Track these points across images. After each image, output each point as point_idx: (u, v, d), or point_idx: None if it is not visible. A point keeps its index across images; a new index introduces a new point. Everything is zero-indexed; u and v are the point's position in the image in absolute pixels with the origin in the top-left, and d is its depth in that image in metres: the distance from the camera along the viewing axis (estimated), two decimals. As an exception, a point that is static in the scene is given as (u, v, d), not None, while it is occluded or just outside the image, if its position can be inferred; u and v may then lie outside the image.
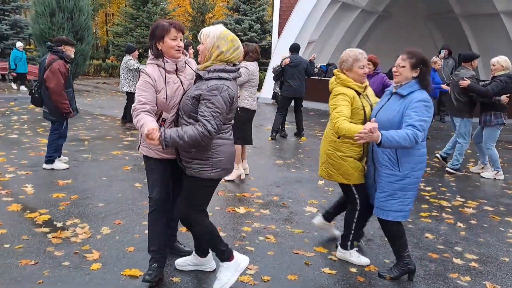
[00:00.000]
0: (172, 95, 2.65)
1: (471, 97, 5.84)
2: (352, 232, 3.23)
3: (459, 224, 4.19)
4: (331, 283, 2.98)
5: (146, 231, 2.99)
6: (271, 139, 7.89)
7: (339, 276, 3.07)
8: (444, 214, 4.44)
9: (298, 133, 8.29)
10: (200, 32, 2.66)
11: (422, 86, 2.85)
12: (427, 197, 4.98)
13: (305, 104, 8.76)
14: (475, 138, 6.16)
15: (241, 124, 5.02)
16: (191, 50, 6.16)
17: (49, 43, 5.55)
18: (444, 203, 4.79)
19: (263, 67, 14.35)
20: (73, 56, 5.50)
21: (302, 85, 7.93)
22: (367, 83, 3.21)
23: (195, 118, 2.51)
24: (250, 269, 3.05)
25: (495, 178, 5.91)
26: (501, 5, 14.60)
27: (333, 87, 3.15)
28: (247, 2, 20.28)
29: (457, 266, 3.31)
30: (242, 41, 14.25)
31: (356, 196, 3.15)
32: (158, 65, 2.68)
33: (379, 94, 3.76)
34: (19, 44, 15.19)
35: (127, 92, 8.38)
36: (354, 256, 3.27)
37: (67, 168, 5.43)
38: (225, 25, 20.72)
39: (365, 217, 3.35)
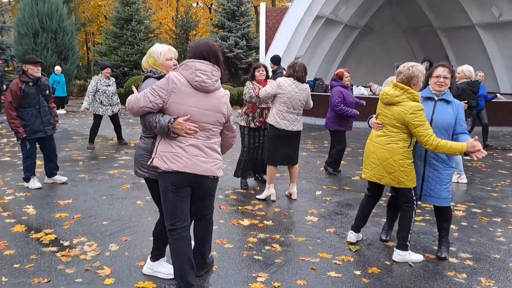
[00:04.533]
0: None
1: None
2: (411, 232, 3.55)
3: (451, 226, 4.38)
4: (339, 285, 3.13)
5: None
6: None
7: (345, 279, 3.22)
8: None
9: None
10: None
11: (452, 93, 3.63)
12: (419, 202, 5.17)
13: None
14: None
15: (269, 143, 5.10)
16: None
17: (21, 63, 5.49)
18: (436, 208, 5.00)
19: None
20: (37, 75, 5.30)
21: None
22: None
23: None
24: (260, 276, 3.18)
25: (458, 182, 6.10)
26: (476, 18, 15.26)
27: (400, 100, 3.34)
28: (231, 19, 20.66)
29: (453, 265, 3.50)
30: (228, 58, 14.60)
31: (414, 197, 3.54)
32: None
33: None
34: (57, 68, 14.82)
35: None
36: (413, 256, 3.58)
37: (40, 188, 5.46)
38: (210, 42, 20.99)
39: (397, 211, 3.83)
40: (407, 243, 3.52)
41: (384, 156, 3.46)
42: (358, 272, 3.32)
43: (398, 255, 3.55)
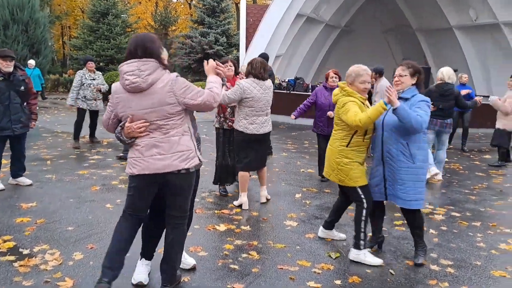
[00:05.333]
0: None
1: None
2: (363, 231, 3.46)
3: (431, 231, 4.31)
4: (317, 297, 2.97)
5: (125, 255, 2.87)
6: None
7: (324, 290, 3.07)
8: (417, 222, 4.56)
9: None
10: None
11: (420, 91, 3.44)
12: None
13: (275, 118, 8.72)
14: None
15: (238, 149, 4.81)
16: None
17: None
18: (416, 211, 4.92)
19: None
20: (7, 70, 4.95)
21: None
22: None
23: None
24: None
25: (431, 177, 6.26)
26: (453, 20, 15.44)
27: (338, 98, 3.55)
28: (211, 15, 20.36)
29: (435, 273, 3.39)
30: (208, 54, 14.29)
31: (362, 196, 3.47)
32: None
33: None
34: (30, 61, 14.00)
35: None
36: (368, 256, 3.48)
37: (3, 189, 5.14)
38: (190, 38, 20.73)
39: (379, 216, 3.74)
40: (360, 241, 3.47)
41: (328, 154, 3.65)
42: (338, 282, 3.17)
43: (353, 253, 3.51)
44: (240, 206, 4.83)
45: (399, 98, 3.34)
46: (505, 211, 5.05)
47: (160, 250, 3.03)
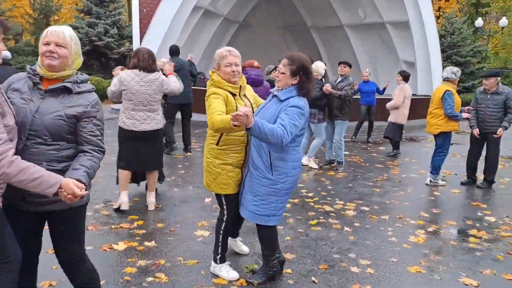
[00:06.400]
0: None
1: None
2: (220, 244, 3.10)
3: (346, 228, 4.24)
4: (240, 322, 2.60)
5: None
6: (166, 153, 7.12)
7: (247, 312, 2.71)
8: (330, 220, 4.48)
9: (185, 148, 7.56)
10: (51, 31, 2.04)
11: (301, 93, 2.80)
12: (312, 204, 4.99)
13: (176, 114, 8.14)
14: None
15: (119, 144, 4.37)
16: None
17: None
18: (328, 208, 4.86)
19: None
20: None
21: (189, 90, 7.17)
22: (243, 82, 3.02)
23: (69, 139, 2.05)
24: (142, 324, 2.48)
25: (308, 165, 6.72)
26: (344, 19, 16.32)
27: (207, 89, 2.96)
28: (99, 5, 18.72)
29: (356, 276, 3.26)
30: (97, 46, 12.88)
31: (225, 206, 3.04)
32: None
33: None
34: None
35: None
36: (223, 271, 3.12)
37: None
38: (76, 28, 18.82)
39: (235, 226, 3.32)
40: (217, 255, 3.12)
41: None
42: (261, 300, 2.85)
43: (211, 265, 3.18)
44: (120, 210, 4.38)
45: (275, 96, 2.84)
46: (406, 202, 5.24)
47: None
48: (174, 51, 7.39)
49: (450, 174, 6.70)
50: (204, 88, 3.28)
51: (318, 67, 6.56)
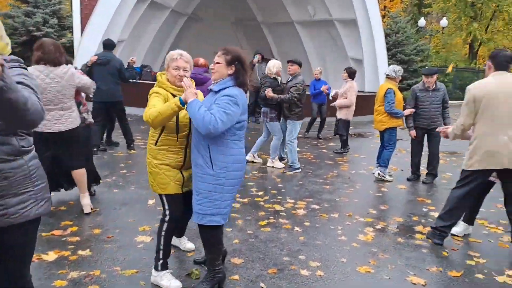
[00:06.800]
0: None
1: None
2: (162, 248, 2.94)
3: (296, 228, 4.13)
4: None
5: None
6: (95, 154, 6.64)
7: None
8: (281, 220, 4.35)
9: (128, 146, 7.14)
10: None
11: (237, 83, 2.75)
12: (262, 203, 4.85)
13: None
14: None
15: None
16: None
17: None
18: (278, 207, 4.73)
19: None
20: None
21: (115, 88, 6.72)
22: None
23: None
24: None
25: (273, 166, 6.61)
26: (294, 15, 16.36)
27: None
28: (37, -7, 17.46)
29: (306, 279, 3.15)
30: (35, 37, 11.96)
31: (166, 207, 2.94)
32: None
33: None
34: None
35: None
36: (164, 280, 2.91)
37: None
38: (11, 17, 17.52)
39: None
40: (158, 261, 2.93)
41: None
42: (205, 312, 2.64)
43: (152, 275, 2.97)
44: (79, 215, 3.93)
45: (211, 90, 2.80)
46: (356, 198, 5.24)
47: None
48: (105, 45, 6.89)
49: (396, 170, 6.83)
50: (151, 82, 3.10)
51: (271, 65, 6.49)
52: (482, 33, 25.79)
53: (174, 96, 2.84)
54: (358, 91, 8.31)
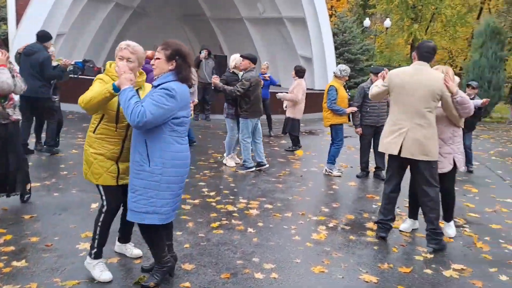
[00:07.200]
0: None
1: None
2: (97, 237, 2.92)
3: (249, 230, 4.04)
4: None
5: None
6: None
7: None
8: (233, 221, 4.25)
9: (47, 150, 6.44)
10: None
11: (179, 78, 2.71)
12: (214, 204, 4.72)
13: (63, 106, 7.21)
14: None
15: None
16: None
17: None
18: (230, 208, 4.62)
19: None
20: None
21: (34, 83, 5.81)
22: (141, 79, 2.92)
23: None
24: None
25: (225, 164, 6.52)
26: (244, 11, 16.27)
27: None
28: (-34, -21, 16.07)
29: (261, 283, 3.07)
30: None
31: (103, 197, 2.91)
32: None
33: None
34: None
35: None
36: (96, 269, 2.92)
37: None
38: None
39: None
40: (92, 249, 2.93)
41: None
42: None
43: (86, 260, 2.98)
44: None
45: (153, 86, 2.75)
46: (308, 197, 5.25)
47: None
48: (37, 36, 6.19)
49: (346, 167, 6.95)
50: (93, 78, 2.94)
51: (231, 59, 6.52)
52: (422, 34, 27.13)
53: None
54: (308, 89, 8.37)
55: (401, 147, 3.74)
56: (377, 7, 28.66)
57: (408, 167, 3.93)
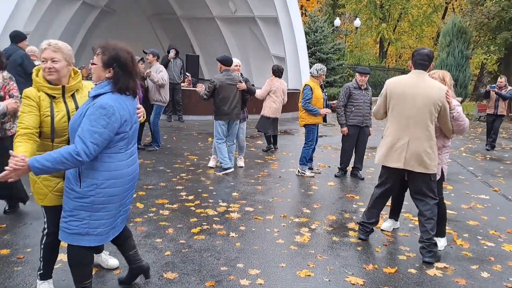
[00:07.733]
0: None
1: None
2: (41, 259, 2.70)
3: (231, 234, 3.95)
4: None
5: None
6: None
7: None
8: (214, 225, 4.14)
9: None
10: None
11: (116, 89, 2.40)
12: (193, 208, 4.59)
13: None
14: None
15: None
16: None
17: None
18: (211, 212, 4.51)
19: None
20: None
21: (28, 84, 5.87)
22: (76, 81, 2.61)
23: None
24: None
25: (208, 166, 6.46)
26: (215, 10, 16.11)
27: None
28: None
29: (247, 289, 2.99)
30: None
31: (45, 219, 2.66)
32: None
33: None
34: None
35: None
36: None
37: None
38: None
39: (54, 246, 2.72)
40: (39, 270, 2.74)
41: None
42: None
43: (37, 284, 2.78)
44: None
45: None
46: (289, 198, 5.20)
47: None
48: (10, 37, 6.13)
49: (324, 167, 6.95)
50: None
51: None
52: (390, 33, 27.75)
53: (49, 96, 2.49)
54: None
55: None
56: (346, 6, 29.08)
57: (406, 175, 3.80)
